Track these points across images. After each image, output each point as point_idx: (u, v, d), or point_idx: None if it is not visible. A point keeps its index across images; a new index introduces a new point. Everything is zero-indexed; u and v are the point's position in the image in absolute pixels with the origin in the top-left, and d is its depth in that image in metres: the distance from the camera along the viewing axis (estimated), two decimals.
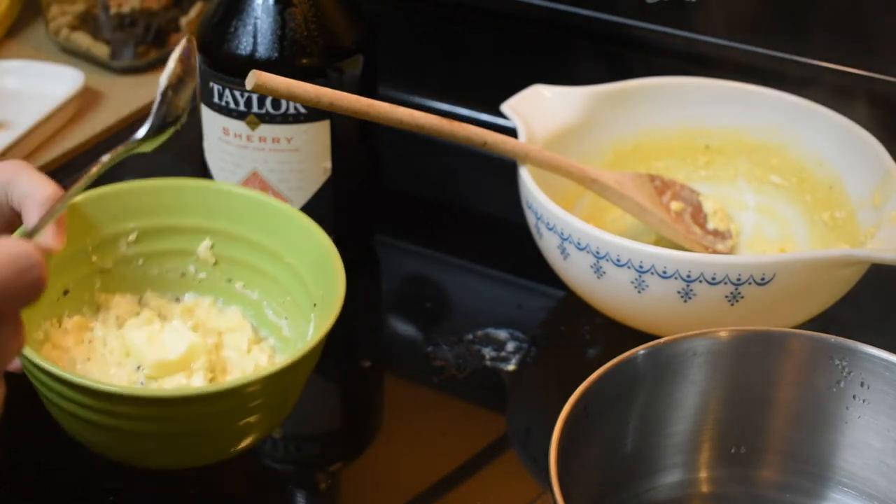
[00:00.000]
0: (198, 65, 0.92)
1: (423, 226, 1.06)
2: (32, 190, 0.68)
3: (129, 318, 0.81)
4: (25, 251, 0.49)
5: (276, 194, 0.90)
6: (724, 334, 0.72)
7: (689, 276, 0.80)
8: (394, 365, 0.92)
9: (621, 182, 0.92)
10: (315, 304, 0.77)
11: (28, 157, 1.06)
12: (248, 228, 0.81)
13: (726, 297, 0.80)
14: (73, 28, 1.19)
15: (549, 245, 0.86)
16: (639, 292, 0.82)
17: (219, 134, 0.90)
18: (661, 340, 0.71)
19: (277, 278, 0.81)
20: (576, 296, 0.89)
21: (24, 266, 0.49)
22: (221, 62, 0.89)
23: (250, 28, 0.87)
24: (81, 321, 0.80)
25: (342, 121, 0.88)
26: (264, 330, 0.82)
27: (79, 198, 0.77)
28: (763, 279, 0.79)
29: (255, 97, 0.87)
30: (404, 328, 0.95)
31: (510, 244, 1.00)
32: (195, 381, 0.76)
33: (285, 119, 0.88)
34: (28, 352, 0.67)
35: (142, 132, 0.70)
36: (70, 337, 0.78)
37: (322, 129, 0.89)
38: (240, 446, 0.73)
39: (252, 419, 0.71)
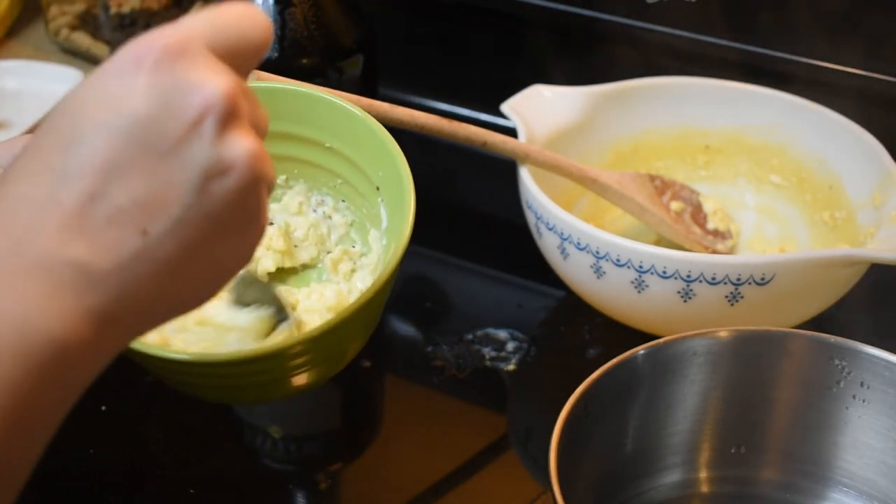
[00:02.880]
0: None
1: (423, 225, 1.06)
2: None
3: None
4: (249, 6, 0.48)
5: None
6: (724, 334, 0.72)
7: (689, 276, 0.80)
8: (394, 365, 0.92)
9: (621, 182, 0.92)
10: (378, 188, 0.75)
11: None
12: (279, 121, 0.76)
13: (726, 297, 0.80)
14: (73, 28, 1.19)
15: (549, 245, 0.86)
16: (639, 292, 0.82)
17: None
18: (661, 340, 0.71)
19: (321, 164, 0.79)
20: (576, 296, 0.89)
21: (251, 11, 0.48)
22: None
23: None
24: None
25: None
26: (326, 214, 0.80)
27: None
28: (763, 279, 0.79)
29: None
30: (404, 328, 0.95)
31: (510, 244, 1.00)
32: (265, 263, 0.76)
33: None
34: None
35: None
36: None
37: None
38: (305, 383, 0.71)
39: (307, 369, 0.70)
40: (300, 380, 0.70)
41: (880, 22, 0.96)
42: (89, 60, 1.18)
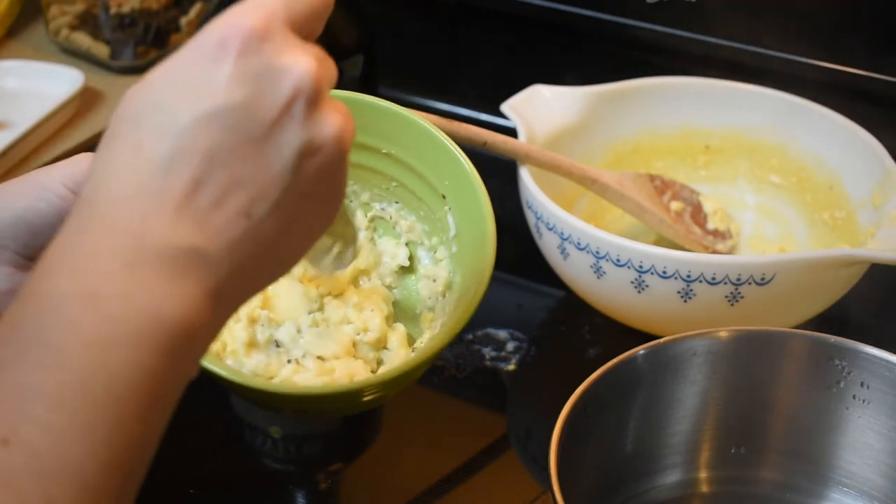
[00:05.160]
0: None
1: None
2: None
3: None
4: None
5: None
6: (724, 334, 0.72)
7: (689, 276, 0.80)
8: None
9: (621, 182, 0.92)
10: (444, 196, 0.76)
11: (28, 157, 1.06)
12: None
13: (726, 297, 0.80)
14: (73, 28, 1.19)
15: (549, 245, 0.86)
16: (639, 292, 0.82)
17: None
18: (661, 340, 0.71)
19: (376, 169, 0.80)
20: (576, 296, 0.89)
21: None
22: None
23: None
24: None
25: None
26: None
27: None
28: (763, 279, 0.79)
29: None
30: None
31: (510, 244, 1.00)
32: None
33: None
34: None
35: None
36: None
37: None
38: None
39: (374, 398, 0.72)
40: (365, 405, 0.74)
41: (880, 22, 0.96)
42: (89, 60, 1.18)
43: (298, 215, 0.48)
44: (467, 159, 0.75)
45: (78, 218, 0.46)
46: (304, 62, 0.47)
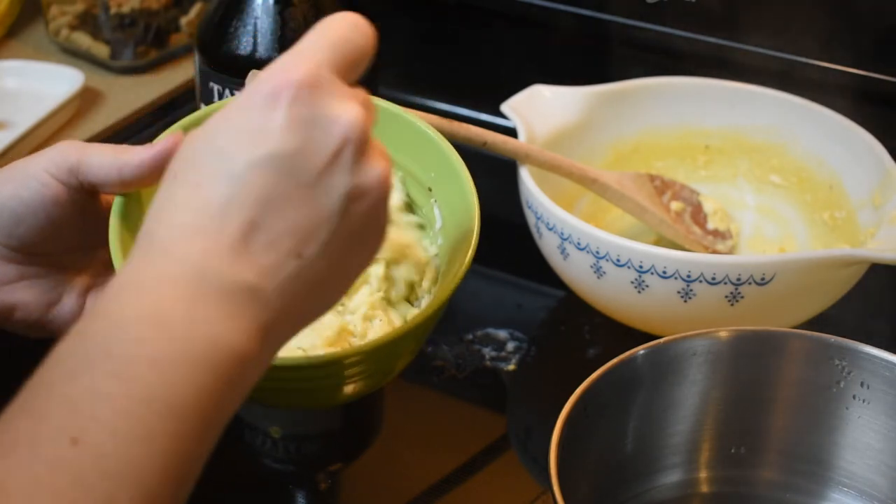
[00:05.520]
0: (197, 65, 0.92)
1: None
2: (119, 154, 0.65)
3: None
4: (351, 14, 0.52)
5: None
6: (724, 334, 0.72)
7: (689, 276, 0.80)
8: None
9: (621, 182, 0.92)
10: (430, 189, 0.76)
11: None
12: None
13: (726, 297, 0.80)
14: (73, 28, 1.19)
15: (549, 245, 0.86)
16: (639, 292, 0.82)
17: None
18: (661, 340, 0.71)
19: None
20: (576, 296, 0.89)
21: (355, 20, 0.52)
22: (221, 62, 0.89)
23: (250, 28, 0.87)
24: None
25: None
26: None
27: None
28: (763, 279, 0.79)
29: None
30: None
31: (510, 244, 1.00)
32: None
33: None
34: None
35: None
36: None
37: None
38: (354, 393, 0.73)
39: (357, 379, 0.71)
40: (349, 390, 0.71)
41: (880, 22, 0.96)
42: (89, 60, 1.18)
43: (345, 254, 0.51)
44: (453, 150, 0.74)
45: (142, 247, 0.50)
46: (352, 111, 0.50)
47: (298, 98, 0.49)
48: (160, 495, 0.45)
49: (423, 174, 0.76)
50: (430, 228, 0.76)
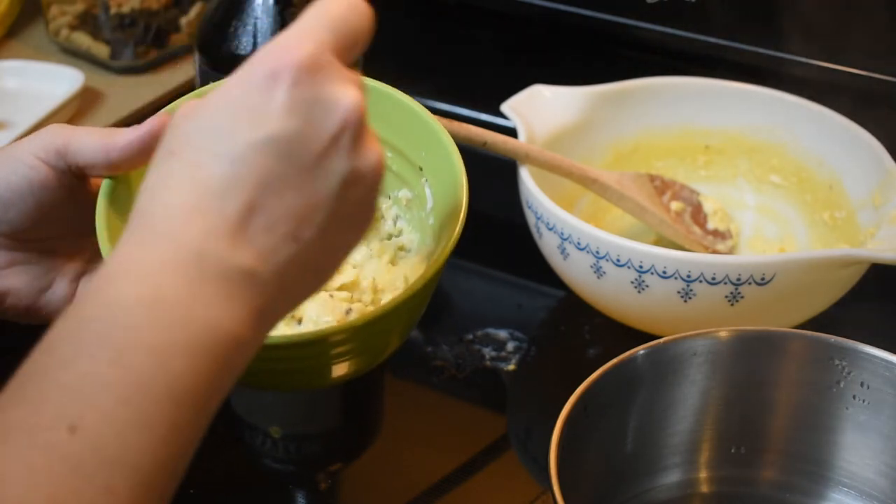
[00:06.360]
0: (197, 65, 0.92)
1: None
2: (106, 136, 0.65)
3: None
4: None
5: None
6: (724, 334, 0.72)
7: (689, 276, 0.80)
8: (394, 365, 0.92)
9: (621, 182, 0.92)
10: (421, 168, 0.75)
11: None
12: None
13: (726, 297, 0.80)
14: (73, 28, 1.19)
15: (549, 245, 0.86)
16: (639, 292, 0.82)
17: None
18: (661, 340, 0.71)
19: None
20: (576, 296, 0.89)
21: (355, 2, 0.52)
22: (221, 62, 0.89)
23: (250, 28, 0.87)
24: None
25: None
26: None
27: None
28: (763, 279, 0.79)
29: None
30: None
31: (510, 244, 1.00)
32: None
33: None
34: None
35: None
36: None
37: None
38: (344, 374, 0.72)
39: (346, 358, 0.70)
40: (339, 370, 0.70)
41: (880, 22, 0.96)
42: (89, 60, 1.18)
43: (337, 238, 0.51)
44: (443, 129, 0.73)
45: (137, 228, 0.49)
46: (351, 94, 0.49)
47: (299, 80, 0.48)
48: (156, 482, 0.45)
49: (413, 153, 0.75)
50: (422, 210, 0.76)
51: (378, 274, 0.77)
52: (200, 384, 0.46)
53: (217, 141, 0.48)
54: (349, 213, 0.51)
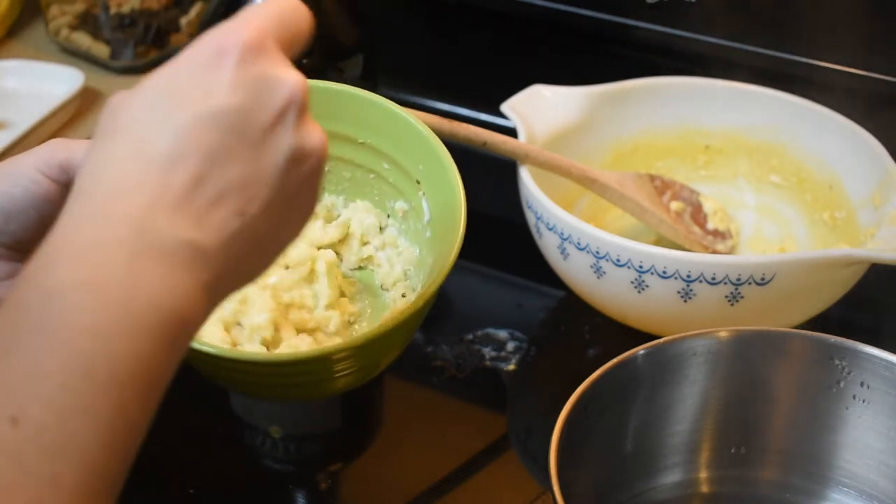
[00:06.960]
0: None
1: None
2: None
3: None
4: None
5: None
6: (724, 334, 0.72)
7: (689, 276, 0.80)
8: (394, 365, 0.91)
9: (621, 182, 0.92)
10: (419, 181, 0.76)
11: None
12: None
13: (726, 297, 0.80)
14: (73, 28, 1.19)
15: (549, 245, 0.86)
16: (639, 292, 0.82)
17: None
18: (661, 340, 0.71)
19: (354, 161, 0.80)
20: (576, 296, 0.89)
21: (296, 2, 0.52)
22: None
23: None
24: None
25: None
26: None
27: None
28: (763, 279, 0.79)
29: None
30: None
31: (510, 244, 1.00)
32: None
33: None
34: None
35: None
36: None
37: None
38: (342, 386, 0.74)
39: (347, 373, 0.71)
40: (339, 383, 0.72)
41: (880, 22, 0.96)
42: (89, 60, 1.18)
43: (283, 217, 0.51)
44: (440, 142, 0.74)
45: (75, 209, 0.48)
46: (295, 75, 0.50)
47: (245, 58, 0.49)
48: (105, 469, 0.44)
49: (411, 166, 0.76)
50: (419, 222, 0.76)
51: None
52: (145, 365, 0.45)
53: (163, 116, 0.48)
54: (294, 192, 0.51)
